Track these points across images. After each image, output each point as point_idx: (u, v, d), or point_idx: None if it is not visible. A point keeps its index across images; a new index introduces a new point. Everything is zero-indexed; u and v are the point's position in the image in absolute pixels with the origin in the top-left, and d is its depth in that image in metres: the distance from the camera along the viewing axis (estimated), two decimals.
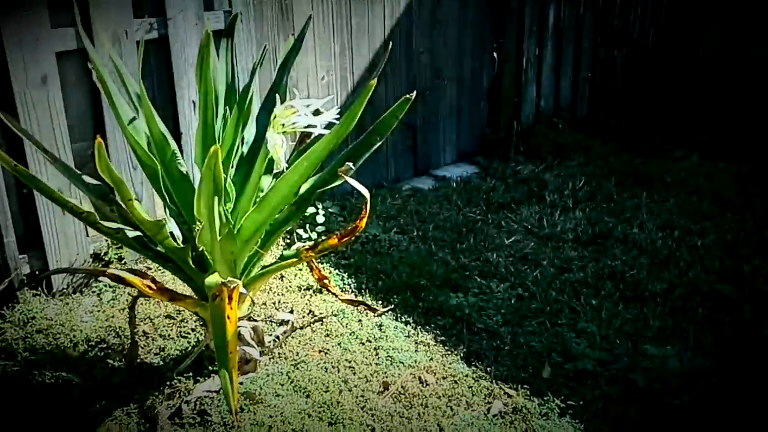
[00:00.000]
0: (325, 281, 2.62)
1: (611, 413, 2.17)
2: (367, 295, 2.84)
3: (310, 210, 3.31)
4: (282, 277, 2.93)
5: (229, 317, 1.87)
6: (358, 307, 2.69)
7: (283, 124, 1.94)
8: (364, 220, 1.98)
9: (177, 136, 3.00)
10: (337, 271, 3.01)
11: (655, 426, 2.12)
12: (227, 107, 2.11)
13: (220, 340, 1.88)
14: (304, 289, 2.85)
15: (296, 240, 3.17)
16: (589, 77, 4.81)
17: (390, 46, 2.43)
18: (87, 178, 2.18)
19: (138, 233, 2.08)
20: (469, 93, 4.24)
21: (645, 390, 2.26)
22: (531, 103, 4.52)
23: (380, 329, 2.59)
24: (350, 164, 1.90)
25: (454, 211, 3.58)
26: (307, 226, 3.26)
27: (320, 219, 3.28)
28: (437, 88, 4.05)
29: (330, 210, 3.39)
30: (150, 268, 2.92)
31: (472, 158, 4.33)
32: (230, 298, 1.85)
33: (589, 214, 3.51)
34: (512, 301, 2.77)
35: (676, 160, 4.24)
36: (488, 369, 2.38)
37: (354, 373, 2.35)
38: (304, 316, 2.67)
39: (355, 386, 2.28)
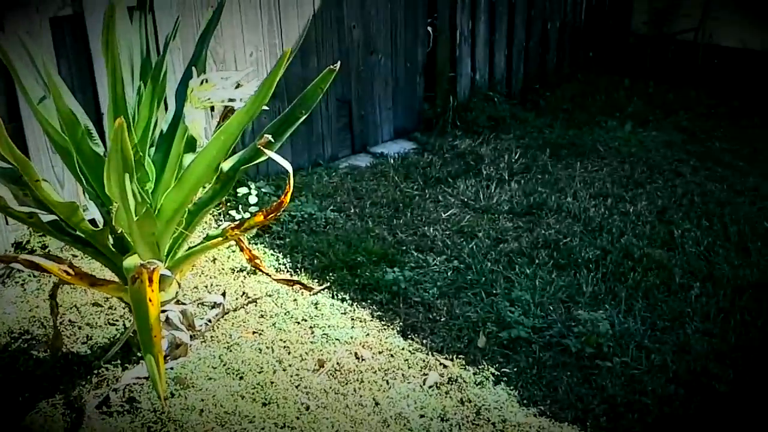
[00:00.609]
0: (257, 261, 2.56)
1: (545, 379, 2.19)
2: (303, 275, 2.79)
3: (243, 190, 3.24)
4: (214, 259, 2.86)
5: (151, 300, 1.80)
6: (294, 287, 2.65)
7: (209, 98, 1.88)
8: (288, 195, 1.94)
9: (98, 117, 2.88)
10: (271, 251, 2.95)
11: (587, 388, 2.14)
12: (142, 82, 2.02)
13: (142, 324, 1.82)
14: (237, 271, 2.79)
15: (229, 222, 3.10)
16: (523, 51, 4.82)
17: (311, 17, 2.37)
18: None
19: (53, 217, 1.99)
20: (405, 68, 4.19)
21: (577, 354, 2.28)
22: (467, 77, 4.51)
23: (316, 308, 2.56)
24: (269, 136, 1.84)
25: (392, 187, 3.55)
26: (240, 207, 3.18)
27: (253, 199, 3.21)
28: (371, 64, 3.99)
29: (264, 190, 3.32)
30: (76, 256, 2.81)
31: (410, 134, 4.30)
32: (151, 280, 1.79)
33: (525, 186, 3.53)
34: (448, 274, 2.76)
35: (610, 130, 4.29)
36: (424, 341, 2.37)
37: (289, 353, 2.31)
38: (237, 298, 2.61)
39: (290, 366, 2.24)
